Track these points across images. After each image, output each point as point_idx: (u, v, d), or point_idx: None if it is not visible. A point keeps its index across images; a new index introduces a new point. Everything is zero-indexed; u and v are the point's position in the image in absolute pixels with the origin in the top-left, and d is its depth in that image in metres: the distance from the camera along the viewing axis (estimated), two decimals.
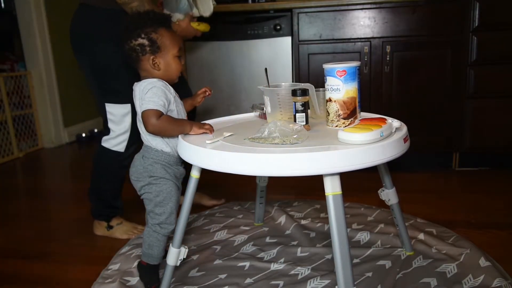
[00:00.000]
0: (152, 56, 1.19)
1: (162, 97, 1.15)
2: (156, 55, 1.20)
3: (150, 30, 1.18)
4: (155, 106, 1.13)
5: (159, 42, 1.19)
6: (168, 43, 1.20)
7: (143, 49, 1.19)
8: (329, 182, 0.95)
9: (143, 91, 1.16)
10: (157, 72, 1.21)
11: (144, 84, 1.18)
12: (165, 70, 1.22)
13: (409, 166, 2.34)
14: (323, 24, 2.26)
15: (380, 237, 1.55)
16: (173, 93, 1.21)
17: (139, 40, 1.18)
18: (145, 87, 1.16)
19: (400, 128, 1.10)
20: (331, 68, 1.15)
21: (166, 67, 1.22)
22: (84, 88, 3.70)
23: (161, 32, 1.20)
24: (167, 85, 1.20)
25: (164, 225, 1.24)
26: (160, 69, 1.21)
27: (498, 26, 2.12)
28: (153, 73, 1.21)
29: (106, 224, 1.71)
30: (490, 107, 2.21)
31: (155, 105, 1.13)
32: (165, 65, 1.21)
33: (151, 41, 1.18)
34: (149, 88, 1.15)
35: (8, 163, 2.97)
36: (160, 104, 1.14)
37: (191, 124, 1.19)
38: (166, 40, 1.20)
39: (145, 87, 1.17)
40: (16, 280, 1.44)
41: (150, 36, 1.18)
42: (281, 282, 1.30)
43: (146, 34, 1.18)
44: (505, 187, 2.07)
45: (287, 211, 1.81)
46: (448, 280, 1.27)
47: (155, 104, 1.13)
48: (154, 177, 1.22)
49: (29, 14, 3.15)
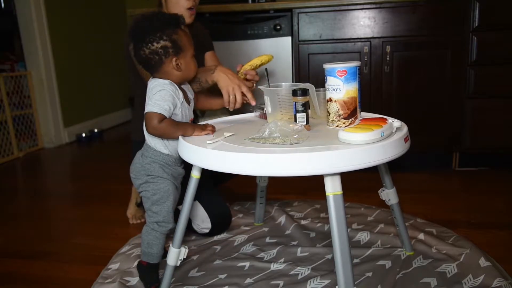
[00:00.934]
0: (175, 57, 1.18)
1: (169, 101, 1.15)
2: (178, 56, 1.18)
3: (170, 32, 1.17)
4: (159, 109, 1.13)
5: (180, 43, 1.18)
6: (187, 43, 1.20)
7: (167, 51, 1.17)
8: (330, 182, 0.95)
9: (151, 90, 1.16)
10: (178, 73, 1.20)
11: (156, 83, 1.17)
12: (186, 70, 1.21)
13: (409, 166, 2.34)
14: (323, 24, 2.26)
15: (380, 237, 1.55)
16: (181, 99, 1.20)
17: (161, 42, 1.16)
18: (155, 87, 1.16)
19: (400, 128, 1.10)
20: (331, 68, 1.14)
21: (187, 67, 1.21)
22: (84, 88, 3.70)
23: (180, 32, 1.19)
24: (177, 90, 1.19)
25: (162, 223, 1.25)
26: (182, 70, 1.20)
27: (498, 26, 2.12)
28: (173, 75, 1.20)
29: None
30: (490, 107, 2.21)
31: (160, 109, 1.13)
32: (185, 65, 1.20)
33: (174, 43, 1.17)
34: (158, 90, 1.15)
35: (8, 163, 2.97)
36: (165, 109, 1.14)
37: (193, 127, 1.19)
38: (185, 40, 1.20)
39: (154, 86, 1.16)
40: (16, 280, 1.44)
41: (172, 37, 1.17)
42: (281, 282, 1.30)
43: (167, 35, 1.16)
44: (505, 187, 2.07)
45: (287, 211, 1.81)
46: (448, 280, 1.27)
47: (160, 108, 1.13)
48: (151, 176, 1.23)
49: (29, 14, 3.15)
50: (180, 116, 1.21)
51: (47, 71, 3.29)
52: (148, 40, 1.16)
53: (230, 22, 2.40)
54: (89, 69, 3.77)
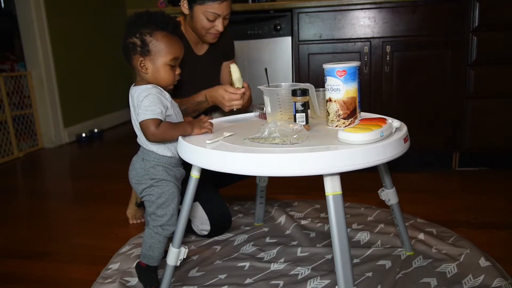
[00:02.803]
0: (140, 57, 1.18)
1: (159, 104, 1.14)
2: (145, 57, 1.17)
3: (145, 32, 1.16)
4: (153, 115, 1.12)
5: (151, 46, 1.16)
6: (162, 49, 1.17)
7: (134, 48, 1.17)
8: (329, 182, 0.95)
9: (138, 98, 1.15)
10: (145, 76, 1.19)
11: (139, 91, 1.16)
12: (153, 75, 1.19)
13: (409, 166, 2.34)
14: (323, 24, 2.26)
15: (380, 237, 1.55)
16: (168, 99, 1.20)
17: (133, 39, 1.17)
18: (140, 94, 1.15)
19: (400, 128, 1.10)
20: (331, 68, 1.14)
21: (154, 73, 1.18)
22: (84, 88, 3.70)
23: (158, 36, 1.17)
24: (162, 91, 1.19)
25: (166, 226, 1.24)
26: (148, 73, 1.19)
27: (498, 26, 2.12)
28: (142, 75, 1.20)
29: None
30: (490, 107, 2.21)
31: (153, 114, 1.12)
32: (153, 70, 1.18)
33: (143, 43, 1.16)
34: (145, 96, 1.14)
35: (8, 163, 2.97)
36: (157, 112, 1.13)
37: (191, 125, 1.18)
38: (160, 45, 1.17)
39: (139, 94, 1.15)
40: (16, 280, 1.44)
41: (143, 37, 1.16)
42: (281, 282, 1.30)
43: (141, 34, 1.16)
44: (505, 187, 2.07)
45: (287, 211, 1.81)
46: (448, 280, 1.27)
47: (153, 113, 1.12)
48: (155, 179, 1.22)
49: (29, 14, 3.15)
50: (174, 116, 1.20)
51: (47, 71, 3.29)
52: (126, 32, 1.18)
53: (230, 22, 2.39)
54: (89, 69, 3.77)
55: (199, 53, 1.65)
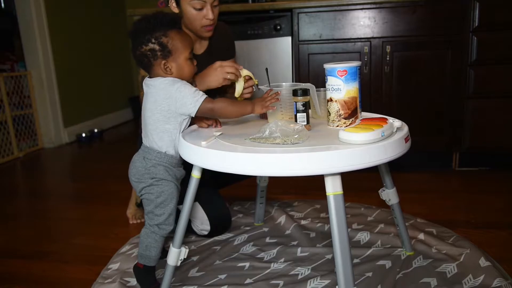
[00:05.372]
0: (163, 60, 1.17)
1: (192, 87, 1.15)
2: (167, 59, 1.17)
3: (160, 34, 1.16)
4: (203, 95, 1.14)
5: (170, 46, 1.16)
6: (180, 45, 1.18)
7: (154, 54, 1.16)
8: (330, 182, 0.95)
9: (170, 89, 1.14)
10: (169, 76, 1.19)
11: (166, 81, 1.16)
12: (178, 73, 1.19)
13: (409, 166, 2.34)
14: (323, 24, 2.26)
15: (380, 237, 1.55)
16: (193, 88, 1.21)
17: (150, 45, 1.16)
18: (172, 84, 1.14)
19: (401, 128, 1.10)
20: (332, 68, 1.14)
21: (179, 71, 1.19)
22: (84, 88, 3.70)
23: (172, 35, 1.17)
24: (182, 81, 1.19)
25: (163, 226, 1.24)
26: (173, 73, 1.18)
27: (498, 26, 2.12)
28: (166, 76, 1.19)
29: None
30: (490, 107, 2.21)
31: (202, 95, 1.14)
32: (177, 68, 1.18)
33: (162, 46, 1.16)
34: (179, 86, 1.14)
35: (8, 163, 2.96)
36: (202, 93, 1.14)
37: (252, 104, 1.19)
38: (177, 43, 1.17)
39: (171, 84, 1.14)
40: (16, 280, 1.44)
41: (160, 40, 1.16)
42: (281, 282, 1.30)
43: (156, 38, 1.16)
44: (505, 187, 2.07)
45: (287, 211, 1.81)
46: (448, 280, 1.27)
47: (200, 94, 1.14)
48: (155, 178, 1.22)
49: (29, 14, 3.15)
50: None
51: (47, 71, 3.29)
52: (138, 41, 1.17)
53: (230, 22, 2.39)
54: (89, 69, 3.77)
55: (197, 52, 1.64)
